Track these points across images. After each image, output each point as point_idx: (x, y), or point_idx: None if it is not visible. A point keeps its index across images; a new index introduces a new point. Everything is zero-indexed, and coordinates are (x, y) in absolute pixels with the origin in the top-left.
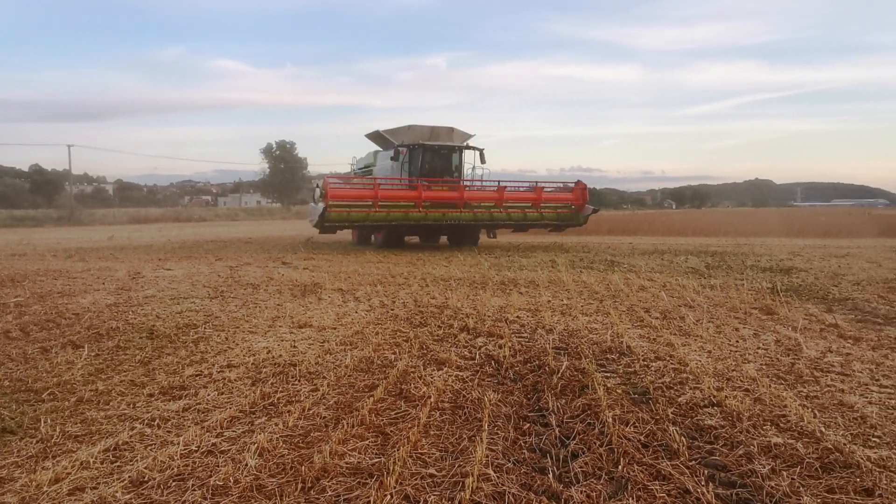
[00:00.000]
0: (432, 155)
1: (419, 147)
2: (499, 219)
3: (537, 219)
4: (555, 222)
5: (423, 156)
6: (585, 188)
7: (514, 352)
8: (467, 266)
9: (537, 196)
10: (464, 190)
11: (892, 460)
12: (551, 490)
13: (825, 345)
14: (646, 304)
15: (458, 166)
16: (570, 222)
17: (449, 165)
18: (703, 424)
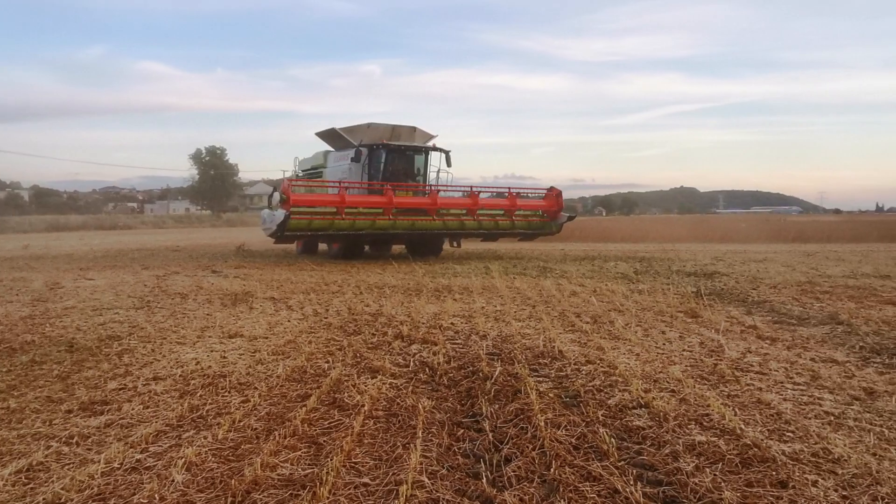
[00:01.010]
0: (396, 156)
1: (382, 147)
2: (471, 227)
3: (510, 227)
4: (527, 231)
5: (387, 157)
6: (560, 195)
7: (449, 358)
8: (402, 273)
9: (511, 203)
10: (436, 195)
11: (805, 453)
12: (485, 495)
13: (745, 346)
14: (577, 310)
15: (424, 169)
16: (543, 231)
17: (413, 168)
18: (631, 425)
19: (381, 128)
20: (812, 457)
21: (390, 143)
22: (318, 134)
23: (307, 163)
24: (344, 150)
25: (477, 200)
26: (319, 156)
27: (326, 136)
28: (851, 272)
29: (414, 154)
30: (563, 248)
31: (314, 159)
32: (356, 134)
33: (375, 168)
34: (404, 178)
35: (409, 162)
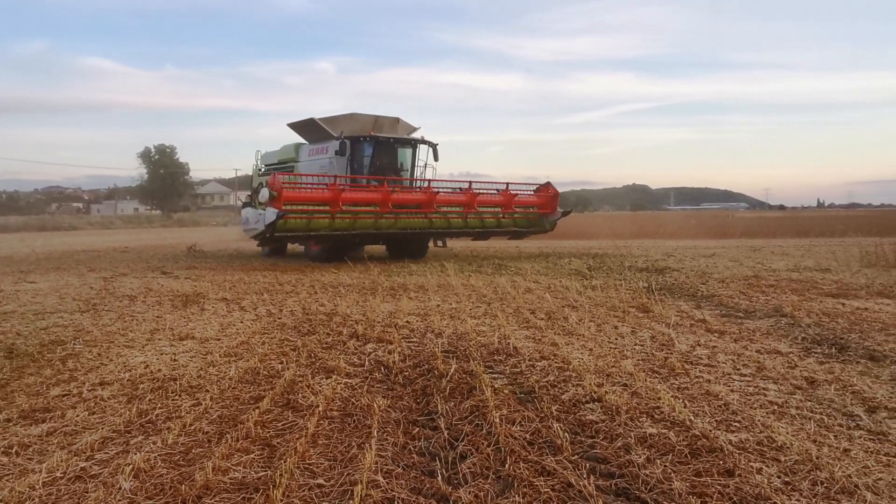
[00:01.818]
0: (384, 149)
1: (369, 140)
2: (474, 226)
3: (510, 225)
4: (522, 229)
5: (375, 150)
6: (556, 193)
7: (404, 357)
8: (357, 272)
9: (508, 200)
10: (434, 192)
11: (750, 442)
12: (440, 492)
13: (694, 339)
14: (532, 306)
15: (411, 164)
16: (536, 228)
17: (401, 162)
18: (585, 419)
19: (363, 118)
20: (757, 445)
21: (378, 135)
22: (292, 125)
23: (272, 156)
24: (322, 142)
25: (475, 197)
26: (289, 149)
27: (301, 128)
28: (794, 266)
29: (402, 147)
30: (518, 246)
31: (282, 153)
32: (337, 125)
33: (360, 162)
34: (391, 172)
35: (396, 156)
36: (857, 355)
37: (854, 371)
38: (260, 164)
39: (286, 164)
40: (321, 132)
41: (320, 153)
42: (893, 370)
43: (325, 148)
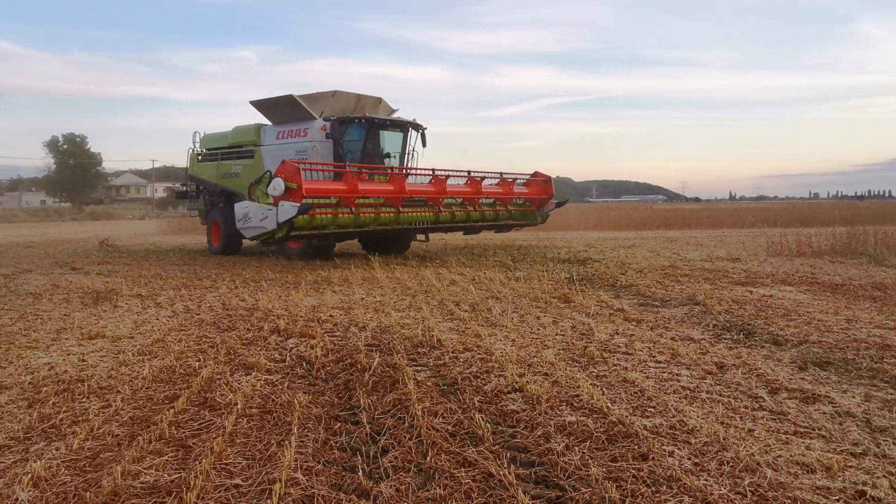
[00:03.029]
0: (377, 133)
1: (363, 122)
2: (476, 219)
3: (507, 217)
4: (515, 221)
5: (368, 134)
6: (549, 181)
7: (327, 351)
8: (280, 266)
9: (507, 191)
10: (444, 182)
11: (664, 427)
12: (361, 488)
13: (613, 328)
14: (456, 298)
15: (402, 149)
16: (527, 221)
17: (394, 148)
18: (506, 410)
19: (346, 97)
20: (670, 429)
21: (374, 116)
22: (256, 103)
23: (220, 139)
24: (297, 122)
25: (480, 188)
26: (247, 130)
27: (269, 106)
28: (708, 256)
29: (395, 131)
30: (444, 238)
31: (237, 135)
32: (317, 103)
33: (351, 147)
34: (380, 160)
35: (388, 141)
36: (762, 340)
37: (759, 355)
38: (199, 148)
39: (241, 148)
40: (298, 111)
41: (296, 136)
42: (794, 353)
43: (302, 130)
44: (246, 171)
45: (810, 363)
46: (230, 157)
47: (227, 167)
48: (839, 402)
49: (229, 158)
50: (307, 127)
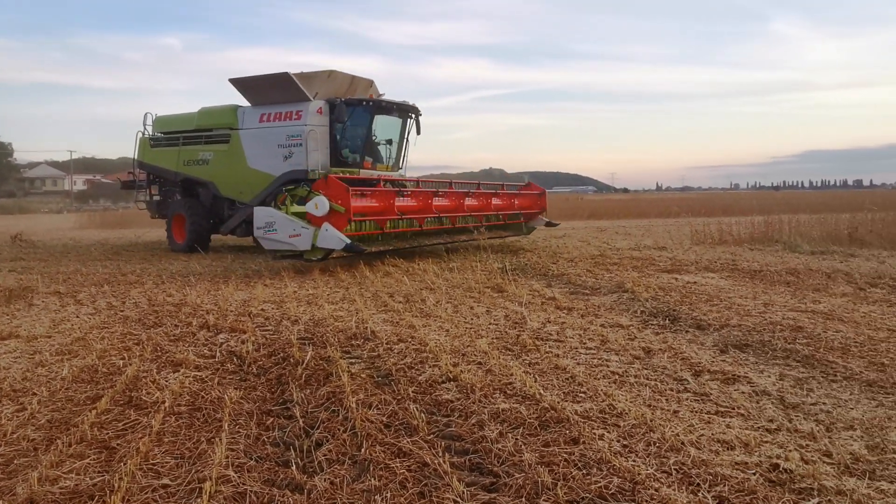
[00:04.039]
0: (383, 119)
1: (370, 105)
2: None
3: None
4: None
5: (373, 118)
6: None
7: (258, 346)
8: (208, 260)
9: (509, 204)
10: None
11: (594, 411)
12: (295, 482)
13: (545, 316)
14: (390, 290)
15: (401, 138)
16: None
17: (396, 136)
18: (441, 399)
19: (341, 78)
20: (600, 413)
21: (381, 99)
22: (237, 81)
23: (179, 122)
24: (286, 104)
25: (490, 202)
26: (222, 112)
27: (253, 85)
28: (636, 245)
29: (399, 116)
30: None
31: (205, 117)
32: (312, 83)
33: (354, 132)
34: (381, 148)
35: (390, 126)
36: (686, 325)
37: (684, 339)
38: (152, 131)
39: (211, 131)
40: (290, 92)
41: (286, 119)
42: (715, 337)
43: (294, 112)
44: (219, 158)
45: (731, 346)
46: (196, 142)
47: (191, 153)
48: (756, 381)
49: (195, 143)
50: (301, 109)
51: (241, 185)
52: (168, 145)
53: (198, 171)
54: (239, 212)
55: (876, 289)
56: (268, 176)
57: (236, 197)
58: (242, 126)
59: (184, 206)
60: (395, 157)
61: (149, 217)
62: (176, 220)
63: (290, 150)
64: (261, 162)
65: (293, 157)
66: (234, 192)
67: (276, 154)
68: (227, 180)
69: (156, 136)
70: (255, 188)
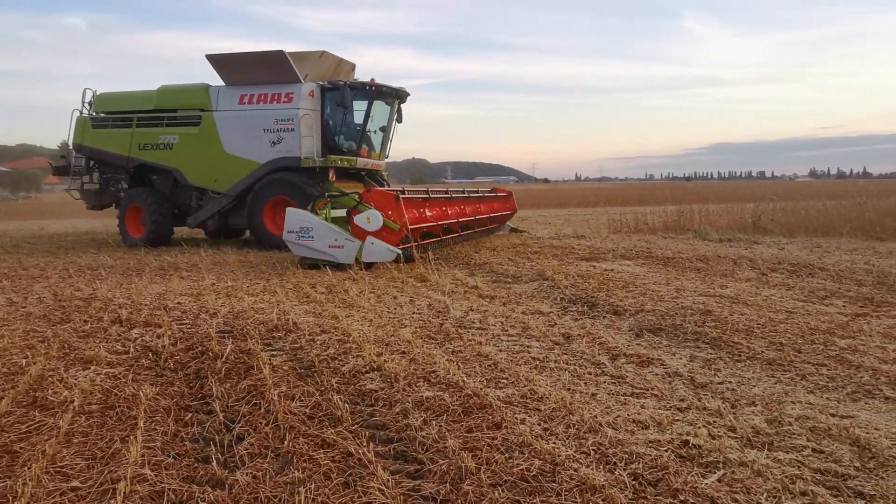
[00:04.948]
0: (380, 106)
1: (371, 89)
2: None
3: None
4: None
5: (370, 103)
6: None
7: (175, 340)
8: (121, 252)
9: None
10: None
11: (515, 396)
12: (216, 478)
13: (468, 304)
14: (312, 281)
15: (390, 125)
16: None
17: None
18: (365, 389)
19: (330, 60)
20: (521, 398)
21: (382, 84)
22: (214, 57)
23: (133, 101)
24: (273, 85)
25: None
26: (191, 91)
27: (237, 63)
28: (556, 234)
29: (392, 102)
30: None
31: (168, 97)
32: (303, 64)
33: (353, 121)
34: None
35: (381, 114)
36: (604, 311)
37: (601, 325)
38: (93, 111)
39: (176, 112)
40: (280, 72)
41: (273, 101)
42: (631, 322)
43: (283, 94)
44: (187, 142)
45: (645, 330)
46: (155, 124)
47: (149, 136)
48: (669, 363)
49: (154, 125)
50: (292, 91)
51: (215, 173)
52: (116, 126)
53: (158, 157)
54: (212, 202)
55: (776, 273)
56: (249, 163)
57: (209, 186)
58: (217, 107)
59: (142, 197)
60: (382, 145)
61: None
62: (131, 211)
63: (280, 136)
64: (241, 147)
65: (283, 143)
66: (205, 180)
67: (260, 139)
68: (196, 167)
69: (99, 116)
70: (233, 176)
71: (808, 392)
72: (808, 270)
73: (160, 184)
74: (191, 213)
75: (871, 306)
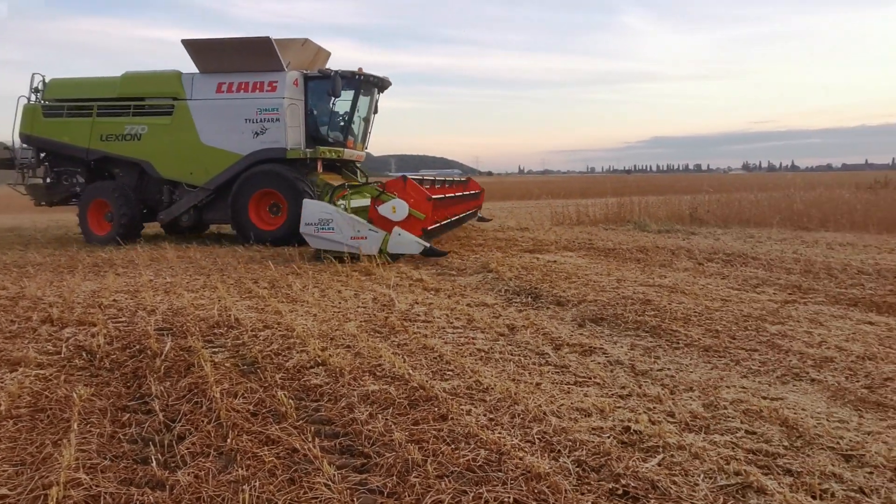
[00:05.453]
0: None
1: (360, 79)
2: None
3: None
4: None
5: (357, 96)
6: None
7: (111, 339)
8: (51, 249)
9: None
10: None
11: (461, 388)
12: (156, 479)
13: (413, 297)
14: (254, 276)
15: (368, 114)
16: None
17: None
18: (309, 384)
19: (311, 48)
20: (467, 390)
21: (369, 73)
22: (190, 42)
23: (92, 88)
24: (256, 73)
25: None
26: (162, 78)
27: (216, 49)
28: (500, 226)
29: (371, 92)
30: None
31: (135, 83)
32: (286, 52)
33: (340, 111)
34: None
35: (364, 104)
36: (547, 302)
37: (545, 315)
38: (44, 98)
39: (143, 101)
40: (265, 60)
41: (255, 90)
42: (574, 312)
43: (266, 83)
44: (157, 133)
45: (588, 320)
46: (121, 113)
47: (113, 126)
48: (611, 352)
49: (119, 114)
50: (276, 80)
51: (190, 165)
52: (73, 115)
53: (124, 149)
54: (186, 196)
55: (712, 263)
56: (230, 154)
57: (184, 179)
58: (192, 96)
59: (107, 191)
60: (363, 136)
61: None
62: (95, 207)
63: (263, 126)
64: (220, 138)
65: (267, 133)
66: (179, 173)
67: (242, 129)
68: (169, 159)
69: (52, 104)
70: (211, 168)
71: (741, 376)
72: (742, 260)
73: (124, 177)
74: (161, 208)
75: (798, 293)
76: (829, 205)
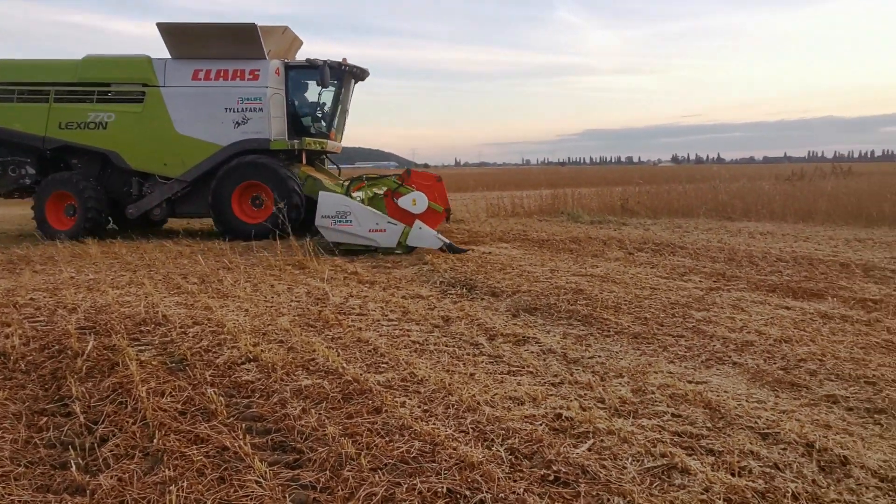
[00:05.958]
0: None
1: (345, 69)
2: None
3: None
4: None
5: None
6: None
7: (27, 339)
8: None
9: None
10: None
11: (396, 380)
12: (76, 484)
13: (348, 291)
14: (183, 271)
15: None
16: None
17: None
18: (241, 381)
19: (288, 36)
20: (402, 382)
21: (352, 64)
22: (165, 26)
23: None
24: (236, 61)
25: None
26: (130, 63)
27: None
28: None
29: (351, 83)
30: None
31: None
32: (268, 40)
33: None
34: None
35: (348, 95)
36: (482, 293)
37: (479, 306)
38: None
39: (109, 86)
40: (246, 47)
41: (236, 78)
42: (508, 303)
43: (248, 71)
44: (126, 121)
45: (521, 310)
46: (82, 100)
47: (73, 113)
48: (544, 341)
49: (79, 101)
50: (258, 68)
51: (165, 156)
52: (24, 101)
53: (87, 137)
54: (159, 189)
55: (642, 253)
56: (208, 145)
57: (157, 170)
58: (166, 83)
59: (70, 182)
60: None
61: None
62: (54, 199)
63: (245, 116)
64: (197, 128)
65: (249, 123)
66: (152, 164)
67: (221, 119)
68: (140, 150)
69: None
70: (188, 160)
71: (668, 362)
72: (670, 249)
73: (85, 168)
74: (129, 201)
75: (722, 281)
76: (752, 196)
